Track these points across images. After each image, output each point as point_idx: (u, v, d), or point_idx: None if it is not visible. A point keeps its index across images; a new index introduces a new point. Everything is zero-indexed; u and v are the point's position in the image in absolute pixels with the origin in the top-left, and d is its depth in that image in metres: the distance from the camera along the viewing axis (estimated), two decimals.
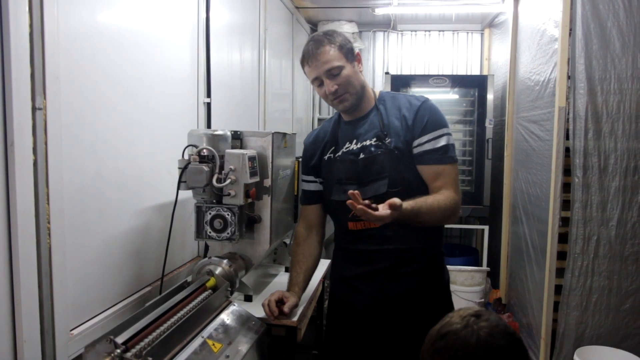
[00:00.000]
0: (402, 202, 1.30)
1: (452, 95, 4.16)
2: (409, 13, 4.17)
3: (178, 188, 1.60)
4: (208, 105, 2.17)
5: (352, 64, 1.53)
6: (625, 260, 2.51)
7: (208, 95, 2.16)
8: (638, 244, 2.50)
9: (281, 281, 1.94)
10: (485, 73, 4.36)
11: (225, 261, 1.61)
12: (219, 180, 1.57)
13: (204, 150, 1.57)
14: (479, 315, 0.92)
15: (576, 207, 2.52)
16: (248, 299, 1.72)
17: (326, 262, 2.14)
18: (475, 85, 3.94)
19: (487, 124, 3.78)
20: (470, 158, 3.95)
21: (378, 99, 1.61)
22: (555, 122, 2.56)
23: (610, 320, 2.54)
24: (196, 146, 1.59)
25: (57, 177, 1.25)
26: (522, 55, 3.31)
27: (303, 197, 1.75)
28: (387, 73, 4.01)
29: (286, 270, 2.07)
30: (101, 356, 1.00)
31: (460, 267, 3.69)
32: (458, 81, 4.05)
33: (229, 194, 1.58)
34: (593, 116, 2.49)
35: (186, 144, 1.61)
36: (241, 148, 1.70)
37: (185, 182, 1.58)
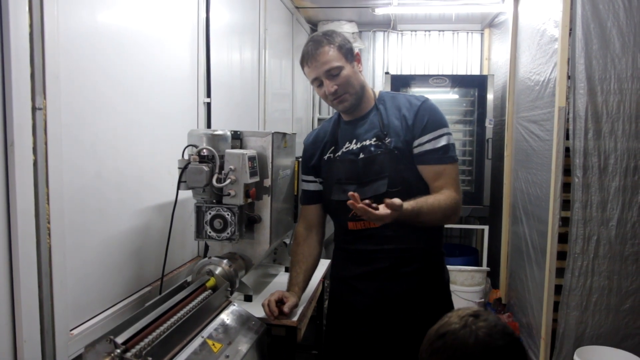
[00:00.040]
0: (403, 202, 1.31)
1: (452, 95, 4.16)
2: (409, 13, 4.17)
3: (178, 188, 1.60)
4: (208, 105, 2.17)
5: (352, 64, 1.53)
6: (625, 260, 2.51)
7: (208, 95, 2.16)
8: (638, 244, 2.51)
9: (281, 281, 1.94)
10: (485, 73, 4.36)
11: (225, 261, 1.61)
12: (219, 180, 1.57)
13: (204, 150, 1.57)
14: (478, 315, 0.92)
15: (576, 207, 2.52)
16: (248, 299, 1.72)
17: (326, 262, 2.14)
18: (475, 85, 3.94)
19: (487, 124, 3.78)
20: (470, 158, 3.95)
21: (378, 99, 1.61)
22: (555, 122, 2.56)
23: (610, 320, 2.54)
24: (196, 146, 1.59)
25: (57, 177, 1.25)
26: (522, 55, 3.31)
27: (303, 197, 1.75)
28: (387, 73, 4.01)
29: (286, 270, 2.07)
30: (101, 356, 1.00)
31: (460, 267, 3.69)
32: (458, 81, 4.05)
33: (229, 194, 1.58)
34: (593, 116, 2.49)
35: (186, 144, 1.61)
36: (241, 148, 1.70)
37: (185, 182, 1.58)
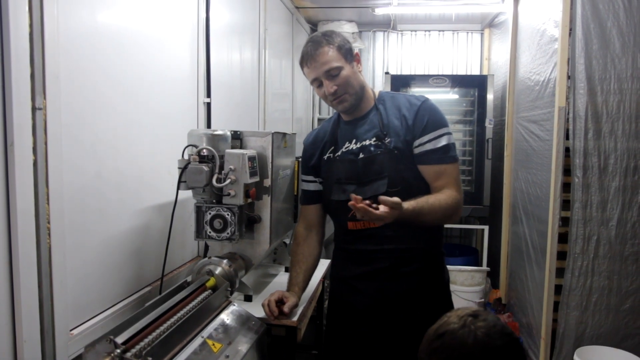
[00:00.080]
0: (403, 202, 1.31)
1: (452, 95, 4.16)
2: (409, 13, 4.17)
3: (178, 188, 1.60)
4: (208, 105, 2.17)
5: (351, 65, 1.53)
6: (625, 260, 2.51)
7: (208, 95, 2.16)
8: (638, 244, 2.50)
9: (281, 281, 1.94)
10: (485, 73, 4.36)
11: (225, 261, 1.61)
12: (219, 180, 1.57)
13: (204, 150, 1.57)
14: (477, 315, 0.92)
15: (576, 207, 2.52)
16: (248, 299, 1.72)
17: (326, 262, 2.14)
18: (475, 85, 3.94)
19: (487, 124, 3.78)
20: (470, 158, 3.95)
21: (378, 99, 1.61)
22: (555, 122, 2.56)
23: (610, 320, 2.54)
24: (196, 146, 1.59)
25: (57, 177, 1.25)
26: (522, 55, 3.31)
27: (303, 197, 1.75)
28: (387, 73, 4.01)
29: (286, 270, 2.07)
30: (101, 356, 1.00)
31: (460, 267, 3.69)
32: (458, 81, 4.05)
33: (229, 194, 1.58)
34: (593, 116, 2.49)
35: (186, 144, 1.61)
36: (241, 148, 1.70)
37: (185, 182, 1.58)
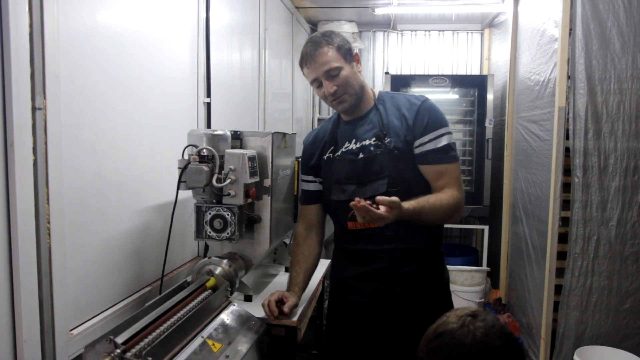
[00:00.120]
0: (403, 202, 1.31)
1: (452, 95, 4.16)
2: (409, 13, 4.17)
3: (178, 188, 1.60)
4: (208, 105, 2.17)
5: (351, 65, 1.53)
6: (625, 260, 2.51)
7: (208, 95, 2.16)
8: (638, 244, 2.50)
9: (281, 281, 1.94)
10: (485, 73, 4.36)
11: (225, 261, 1.61)
12: (219, 180, 1.57)
13: (204, 150, 1.57)
14: (476, 315, 0.92)
15: (576, 207, 2.52)
16: (248, 299, 1.72)
17: (326, 262, 2.14)
18: (475, 85, 3.94)
19: (487, 124, 3.78)
20: (470, 158, 3.95)
21: (377, 99, 1.61)
22: (555, 122, 2.56)
23: (610, 320, 2.54)
24: (196, 146, 1.59)
25: (57, 177, 1.25)
26: (522, 55, 3.31)
27: (302, 197, 1.75)
28: (387, 73, 4.01)
29: (286, 270, 2.07)
30: (101, 356, 1.00)
31: (460, 267, 3.69)
32: (458, 81, 4.05)
33: (229, 194, 1.58)
34: (593, 116, 2.49)
35: (186, 144, 1.61)
36: (241, 148, 1.70)
37: (185, 182, 1.58)
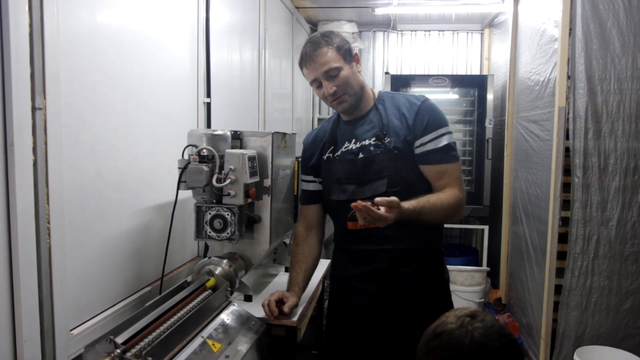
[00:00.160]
0: (403, 202, 1.31)
1: (452, 95, 4.16)
2: (409, 13, 4.17)
3: (178, 188, 1.60)
4: (208, 105, 2.17)
5: (350, 65, 1.53)
6: (625, 260, 2.51)
7: (208, 95, 2.16)
8: (638, 244, 2.50)
9: (281, 281, 1.94)
10: (485, 73, 4.36)
11: (225, 261, 1.61)
12: (219, 180, 1.57)
13: (204, 150, 1.57)
14: (475, 315, 0.92)
15: (576, 207, 2.52)
16: (248, 299, 1.72)
17: (326, 262, 2.14)
18: (475, 85, 3.94)
19: (487, 124, 3.78)
20: (470, 158, 3.94)
21: (377, 99, 1.61)
22: (555, 122, 2.56)
23: (610, 320, 2.54)
24: (196, 146, 1.59)
25: (57, 177, 1.25)
26: (522, 55, 3.31)
27: (302, 197, 1.75)
28: (387, 73, 4.01)
29: (286, 270, 2.07)
30: (101, 356, 1.00)
31: (460, 267, 3.69)
32: (458, 81, 4.05)
33: (229, 194, 1.58)
34: (593, 116, 2.49)
35: (186, 144, 1.61)
36: (241, 148, 1.70)
37: (185, 182, 1.58)
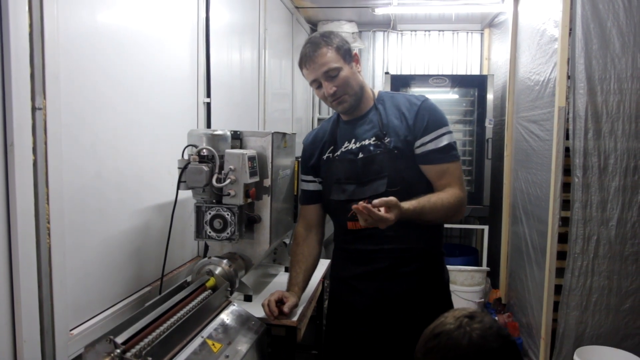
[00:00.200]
0: (403, 202, 1.31)
1: (452, 95, 4.16)
2: (409, 13, 4.17)
3: (178, 188, 1.60)
4: (208, 105, 2.17)
5: (350, 65, 1.53)
6: (625, 260, 2.51)
7: (208, 95, 2.16)
8: (638, 244, 2.50)
9: (281, 281, 1.94)
10: (485, 73, 4.36)
11: (225, 261, 1.61)
12: (219, 180, 1.57)
13: (204, 150, 1.57)
14: (473, 316, 0.92)
15: (576, 207, 2.52)
16: (248, 299, 1.72)
17: (326, 262, 2.14)
18: (475, 85, 3.94)
19: (487, 124, 3.78)
20: (470, 158, 3.94)
21: (377, 99, 1.61)
22: (555, 122, 2.56)
23: (610, 320, 2.54)
24: (196, 146, 1.59)
25: (57, 177, 1.25)
26: (522, 55, 3.31)
27: (302, 197, 1.75)
28: (387, 73, 4.01)
29: (286, 270, 2.07)
30: (101, 356, 1.00)
31: (460, 267, 3.69)
32: (458, 81, 4.04)
33: (229, 194, 1.58)
34: (593, 116, 2.49)
35: (186, 144, 1.61)
36: (241, 148, 1.70)
37: (185, 182, 1.58)
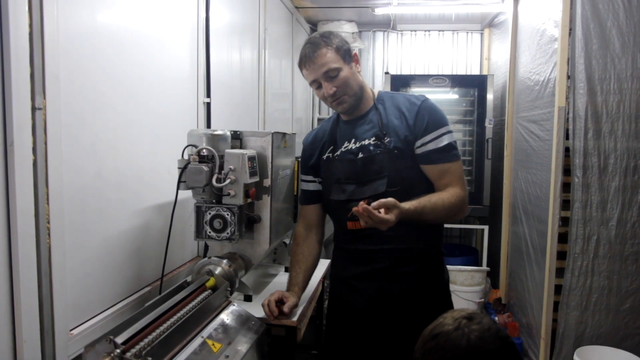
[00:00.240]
0: (403, 202, 1.31)
1: (452, 95, 4.16)
2: (409, 13, 4.17)
3: (178, 188, 1.60)
4: (208, 105, 2.17)
5: (350, 65, 1.53)
6: (625, 260, 2.51)
7: (208, 95, 2.16)
8: (638, 244, 2.51)
9: (281, 281, 1.94)
10: (485, 73, 4.36)
11: (225, 261, 1.61)
12: (219, 180, 1.57)
13: (204, 150, 1.57)
14: (472, 317, 0.91)
15: (576, 207, 2.52)
16: (248, 299, 1.72)
17: (326, 262, 2.14)
18: (475, 85, 3.94)
19: (487, 124, 3.78)
20: (470, 158, 3.94)
21: (377, 99, 1.61)
22: (555, 122, 2.56)
23: (610, 320, 2.54)
24: (196, 146, 1.59)
25: (57, 177, 1.25)
26: (522, 55, 3.31)
27: (302, 197, 1.75)
28: (387, 73, 4.01)
29: (286, 270, 2.07)
30: (101, 356, 1.00)
31: (460, 267, 3.70)
32: (458, 81, 4.05)
33: (229, 194, 1.58)
34: (593, 116, 2.49)
35: (186, 144, 1.61)
36: (241, 148, 1.70)
37: (185, 182, 1.58)
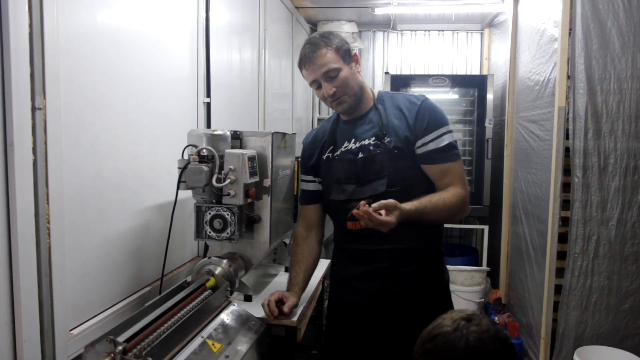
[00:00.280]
0: (403, 203, 1.31)
1: (452, 95, 4.16)
2: (409, 13, 4.17)
3: (178, 188, 1.60)
4: (208, 105, 2.17)
5: (350, 65, 1.54)
6: (625, 260, 2.51)
7: (208, 95, 2.16)
8: (638, 244, 2.50)
9: (281, 281, 1.94)
10: (485, 73, 4.36)
11: (225, 261, 1.61)
12: (219, 180, 1.57)
13: (204, 150, 1.57)
14: (470, 319, 0.91)
15: (576, 207, 2.52)
16: (248, 299, 1.72)
17: (326, 262, 2.14)
18: (475, 85, 3.94)
19: (487, 124, 3.78)
20: (470, 158, 3.94)
21: (377, 99, 1.61)
22: (555, 122, 2.56)
23: (610, 320, 2.54)
24: (196, 146, 1.59)
25: (57, 177, 1.25)
26: (522, 55, 3.31)
27: (302, 197, 1.75)
28: (387, 73, 4.01)
29: (286, 270, 2.07)
30: (101, 356, 1.00)
31: (460, 267, 3.69)
32: (458, 81, 4.05)
33: (229, 194, 1.58)
34: (593, 116, 2.49)
35: (186, 144, 1.61)
36: (241, 148, 1.70)
37: (185, 182, 1.58)
